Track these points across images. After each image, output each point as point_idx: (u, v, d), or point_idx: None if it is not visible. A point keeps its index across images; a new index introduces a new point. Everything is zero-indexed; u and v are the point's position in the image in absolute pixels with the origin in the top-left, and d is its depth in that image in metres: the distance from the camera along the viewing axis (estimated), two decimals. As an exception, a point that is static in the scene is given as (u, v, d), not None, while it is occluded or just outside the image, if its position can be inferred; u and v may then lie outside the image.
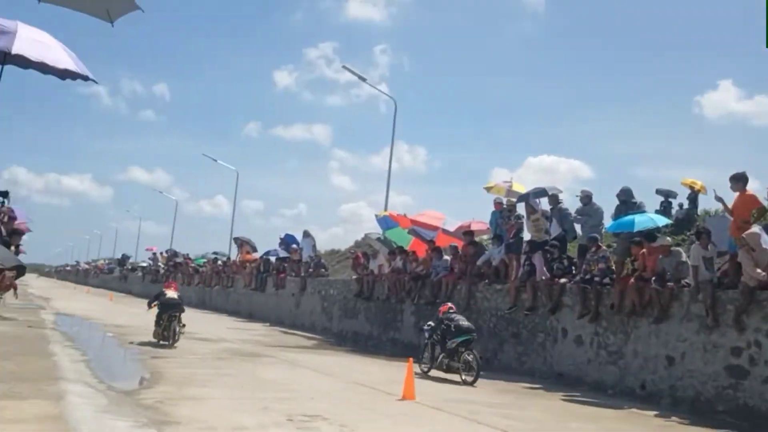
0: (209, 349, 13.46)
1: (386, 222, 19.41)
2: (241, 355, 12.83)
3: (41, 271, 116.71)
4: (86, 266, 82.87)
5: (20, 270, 7.58)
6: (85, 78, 6.86)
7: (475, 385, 10.56)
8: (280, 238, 28.66)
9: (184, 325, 13.88)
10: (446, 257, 16.54)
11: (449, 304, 12.46)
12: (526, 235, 14.53)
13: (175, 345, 13.34)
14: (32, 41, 6.62)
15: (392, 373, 11.31)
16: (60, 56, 6.72)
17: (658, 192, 19.54)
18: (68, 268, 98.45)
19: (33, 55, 6.49)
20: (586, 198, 13.36)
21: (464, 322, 11.61)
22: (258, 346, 15.06)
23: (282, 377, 10.21)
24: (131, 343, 13.91)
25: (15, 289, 15.63)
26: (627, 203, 12.57)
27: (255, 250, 31.83)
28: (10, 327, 15.13)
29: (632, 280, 10.95)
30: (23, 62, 6.87)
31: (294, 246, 26.52)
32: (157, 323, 13.87)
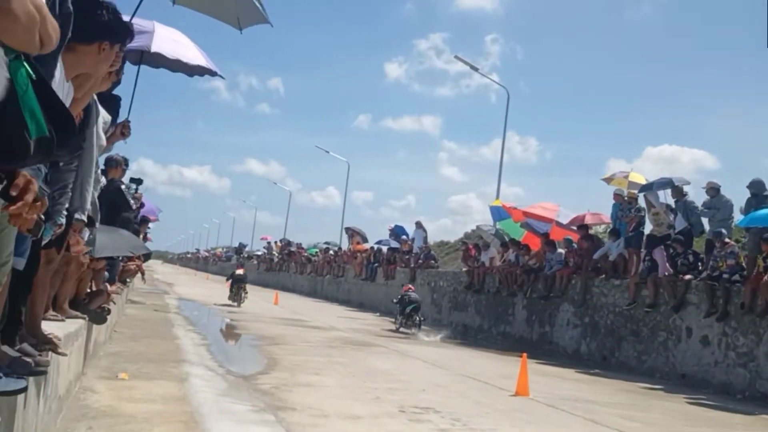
0: (321, 338, 13.69)
1: (499, 212, 19.11)
2: (352, 344, 12.97)
3: (165, 257, 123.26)
4: (206, 254, 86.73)
5: (146, 257, 7.94)
6: (213, 73, 7.12)
7: (418, 334, 15.90)
8: (390, 229, 28.85)
9: (246, 293, 21.58)
10: (560, 250, 16.08)
11: (410, 285, 19.55)
12: (648, 228, 13.91)
13: (241, 305, 20.58)
14: (168, 40, 6.95)
15: (504, 367, 11.10)
16: (193, 54, 7.05)
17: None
18: (189, 255, 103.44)
19: (169, 52, 6.81)
20: (713, 190, 12.59)
21: (414, 295, 17.71)
22: (368, 336, 15.20)
23: (393, 367, 10.22)
24: (242, 330, 14.37)
25: (143, 274, 16.55)
26: (758, 196, 11.71)
27: (365, 240, 32.20)
28: (139, 311, 15.98)
29: (765, 278, 10.21)
30: (157, 61, 7.20)
31: (404, 237, 26.62)
32: (230, 290, 21.72)
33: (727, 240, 11.56)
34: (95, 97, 4.18)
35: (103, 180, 7.03)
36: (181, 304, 20.18)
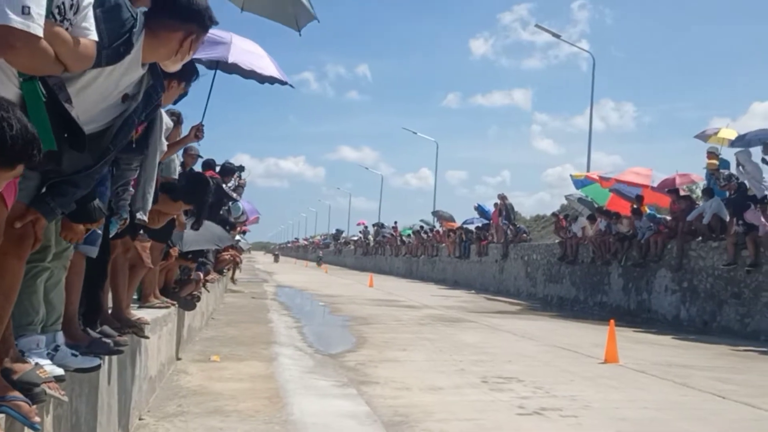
0: (412, 316, 13.85)
1: (581, 182, 18.70)
2: (442, 321, 13.05)
3: (267, 248, 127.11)
4: (304, 242, 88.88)
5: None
6: (283, 83, 7.38)
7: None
8: (475, 208, 29.09)
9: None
10: (646, 217, 15.63)
11: None
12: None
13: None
14: (245, 51, 7.27)
15: (597, 336, 10.86)
16: (267, 65, 7.35)
17: None
18: (289, 244, 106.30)
19: (245, 63, 7.11)
20: None
21: None
22: (460, 312, 15.23)
23: (481, 341, 10.22)
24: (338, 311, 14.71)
25: (237, 264, 17.20)
26: None
27: (453, 220, 32.49)
28: (237, 299, 16.65)
29: None
30: (231, 69, 7.53)
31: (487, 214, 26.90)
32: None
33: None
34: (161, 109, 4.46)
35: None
36: (278, 291, 20.85)
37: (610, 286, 16.79)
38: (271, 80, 7.28)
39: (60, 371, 2.63)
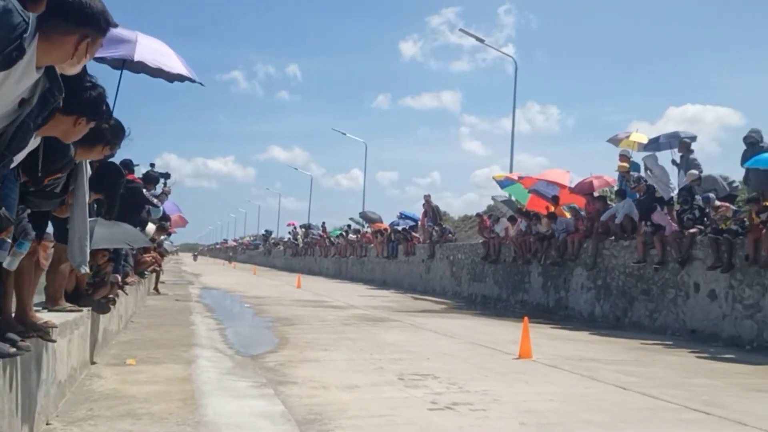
0: (337, 316, 13.94)
1: (503, 183, 19.22)
2: (367, 321, 13.18)
3: (195, 249, 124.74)
4: (233, 243, 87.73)
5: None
6: (192, 81, 7.37)
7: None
8: (398, 216, 29.55)
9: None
10: (563, 220, 16.25)
11: None
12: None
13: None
14: (151, 50, 7.21)
15: (515, 333, 11.19)
16: (174, 63, 7.30)
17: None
18: (218, 246, 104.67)
19: (151, 61, 7.05)
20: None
21: None
22: (386, 312, 15.41)
23: (403, 340, 10.40)
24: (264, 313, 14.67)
25: (160, 266, 16.89)
26: (755, 146, 11.71)
27: (380, 221, 32.82)
28: (160, 301, 16.38)
29: (765, 230, 10.20)
30: (138, 68, 7.47)
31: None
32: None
33: (718, 203, 11.53)
34: (85, 160, 4.46)
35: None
36: (203, 293, 20.58)
37: (531, 284, 17.30)
38: (180, 78, 7.26)
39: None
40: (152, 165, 13.43)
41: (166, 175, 12.22)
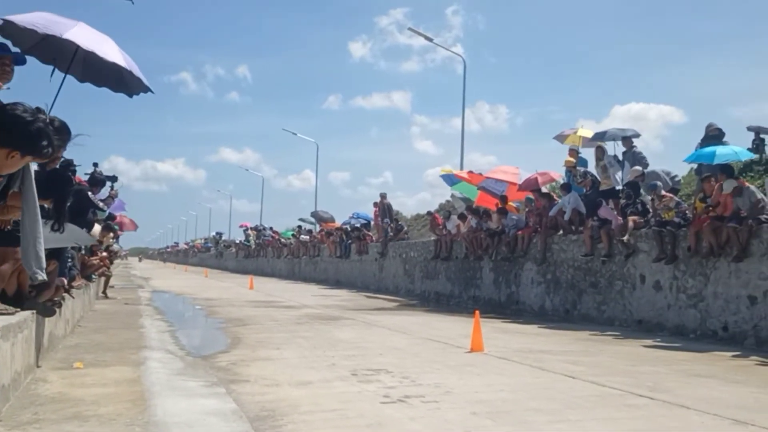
0: (290, 316, 13.88)
1: (450, 179, 19.38)
2: (320, 319, 13.16)
3: (145, 253, 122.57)
4: (185, 246, 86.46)
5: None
6: (139, 80, 7.17)
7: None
8: (350, 217, 29.55)
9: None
10: (513, 216, 16.50)
11: None
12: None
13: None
14: (87, 34, 6.95)
15: (467, 328, 11.31)
16: (111, 51, 7.02)
17: (750, 129, 18.54)
18: (169, 249, 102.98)
19: (84, 43, 6.79)
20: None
21: None
22: (339, 311, 15.41)
23: (356, 337, 10.43)
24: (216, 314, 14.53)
25: (107, 268, 16.57)
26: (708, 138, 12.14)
27: (333, 221, 32.75)
28: (109, 305, 16.05)
29: (706, 220, 10.54)
30: (68, 58, 7.23)
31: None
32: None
33: (663, 193, 11.86)
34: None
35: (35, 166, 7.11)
36: (153, 296, 20.24)
37: (482, 280, 17.50)
38: (124, 85, 7.07)
39: None
40: (95, 165, 13.02)
41: (113, 179, 11.94)
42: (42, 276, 4.41)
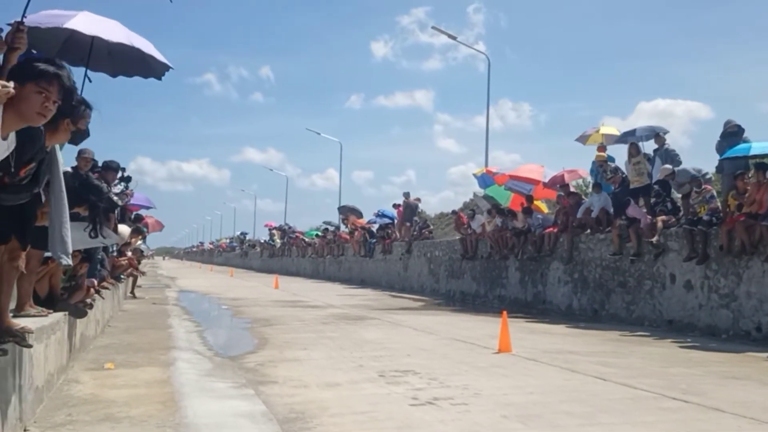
0: (316, 315, 13.91)
1: (485, 180, 19.24)
2: (346, 319, 13.17)
3: (171, 253, 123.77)
4: (210, 246, 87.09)
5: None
6: (159, 60, 7.17)
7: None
8: (375, 214, 29.47)
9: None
10: (538, 215, 16.41)
11: None
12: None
13: None
14: (88, 20, 6.91)
15: (494, 328, 11.24)
16: (114, 31, 6.95)
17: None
18: (194, 249, 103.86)
19: (85, 29, 6.77)
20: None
21: None
22: (364, 310, 15.40)
23: (382, 337, 10.40)
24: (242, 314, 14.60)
25: (136, 269, 16.73)
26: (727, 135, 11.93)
27: (361, 216, 32.65)
28: (137, 305, 16.21)
29: (739, 217, 10.35)
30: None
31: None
32: None
33: (704, 185, 11.69)
34: (56, 147, 4.36)
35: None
36: (180, 296, 20.41)
37: (508, 279, 17.39)
38: (137, 67, 7.06)
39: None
40: (123, 169, 13.11)
41: (128, 179, 12.00)
42: (67, 260, 4.42)
